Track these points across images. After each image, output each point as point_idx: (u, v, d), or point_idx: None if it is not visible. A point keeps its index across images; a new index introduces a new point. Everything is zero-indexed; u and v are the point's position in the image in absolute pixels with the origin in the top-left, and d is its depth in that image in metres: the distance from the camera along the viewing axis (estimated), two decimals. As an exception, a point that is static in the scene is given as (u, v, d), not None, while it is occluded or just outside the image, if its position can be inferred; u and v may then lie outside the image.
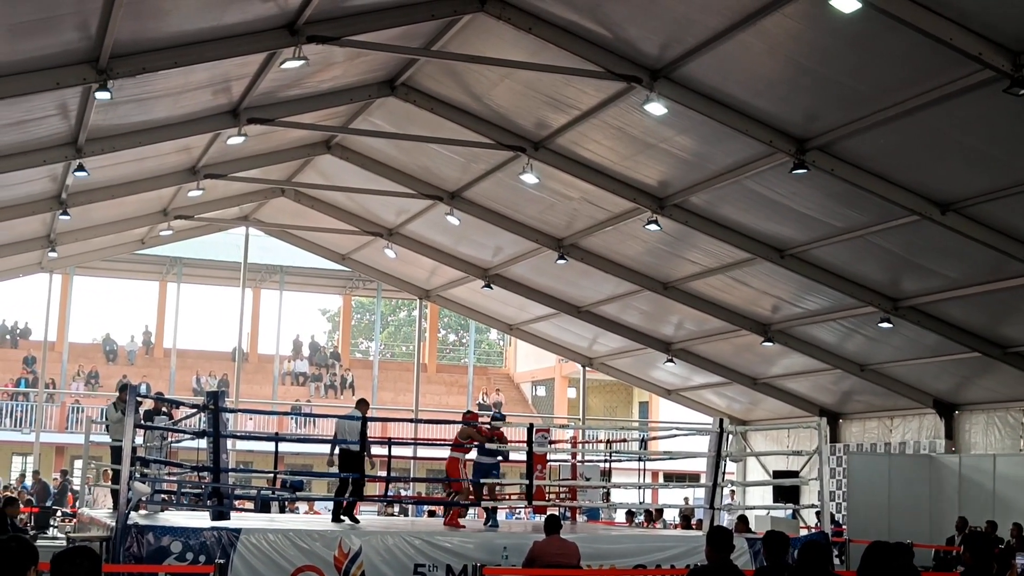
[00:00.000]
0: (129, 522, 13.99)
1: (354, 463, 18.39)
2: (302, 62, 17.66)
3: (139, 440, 18.20)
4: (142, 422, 17.72)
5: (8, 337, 49.96)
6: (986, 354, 24.57)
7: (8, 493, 25.94)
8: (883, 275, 23.37)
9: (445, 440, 20.16)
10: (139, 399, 15.81)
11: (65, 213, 25.34)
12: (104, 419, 20.92)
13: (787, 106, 18.19)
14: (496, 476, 19.52)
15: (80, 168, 21.32)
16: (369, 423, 18.67)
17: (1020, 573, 10.31)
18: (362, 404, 19.08)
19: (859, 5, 13.96)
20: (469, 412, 20.39)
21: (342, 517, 18.32)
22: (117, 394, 21.73)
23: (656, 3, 16.50)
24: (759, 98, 18.09)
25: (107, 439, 20.33)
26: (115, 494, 16.40)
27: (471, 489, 19.08)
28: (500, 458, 19.67)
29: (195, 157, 24.92)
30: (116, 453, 18.04)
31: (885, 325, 24.47)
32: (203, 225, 33.69)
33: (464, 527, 18.48)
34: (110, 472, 21.03)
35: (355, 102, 22.74)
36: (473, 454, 19.39)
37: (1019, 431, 27.27)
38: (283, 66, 18.40)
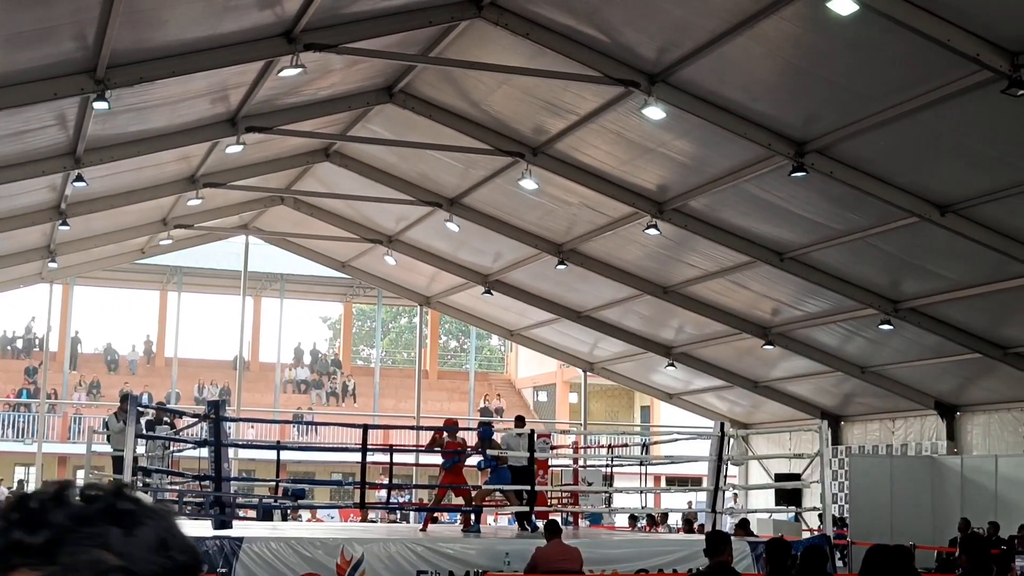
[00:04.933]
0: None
1: (524, 476, 18.76)
2: (300, 70, 17.67)
3: (141, 450, 18.19)
4: (143, 432, 17.73)
5: (9, 348, 49.93)
6: (987, 355, 24.57)
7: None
8: (883, 277, 23.37)
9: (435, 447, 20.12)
10: (140, 409, 15.81)
11: (65, 223, 25.33)
12: (105, 429, 20.91)
13: (785, 109, 18.19)
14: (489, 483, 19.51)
15: (79, 178, 21.32)
16: (370, 431, 18.67)
17: (1020, 575, 10.31)
18: (519, 420, 19.63)
19: (856, 7, 13.95)
20: (448, 420, 20.51)
21: (526, 525, 18.77)
22: (118, 404, 21.73)
23: (653, 7, 16.50)
24: (757, 101, 18.09)
25: (109, 449, 20.33)
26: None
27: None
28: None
29: (194, 166, 24.93)
30: (118, 463, 18.03)
31: (886, 327, 24.46)
32: (203, 234, 33.69)
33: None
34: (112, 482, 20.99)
35: (353, 109, 22.75)
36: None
37: (1021, 432, 27.24)
38: (281, 74, 18.39)
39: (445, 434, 19.49)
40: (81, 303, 47.98)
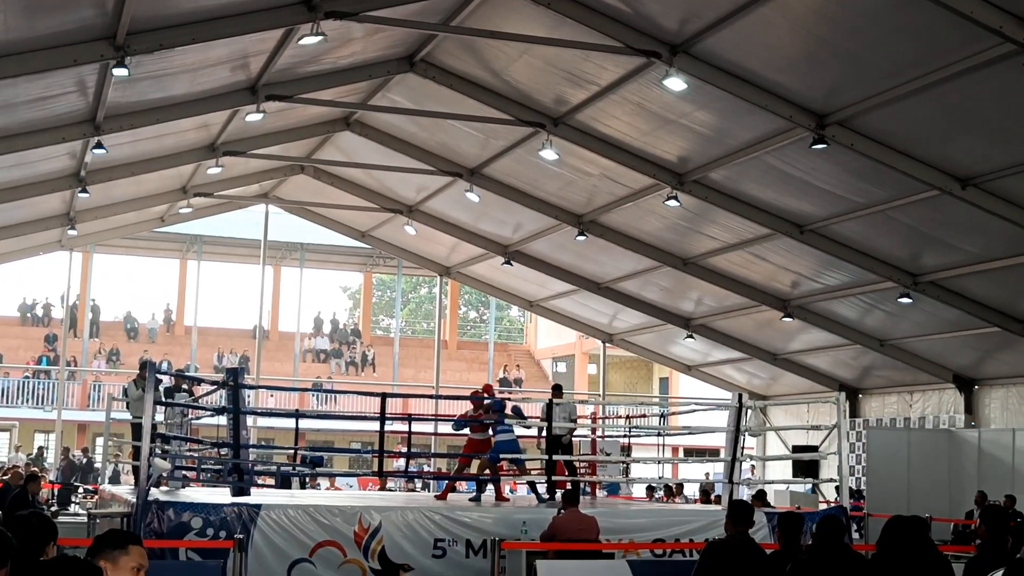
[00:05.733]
0: (149, 498, 14.06)
1: (561, 446, 19.05)
2: (320, 38, 17.62)
3: (160, 417, 18.28)
4: (162, 399, 17.81)
5: (30, 315, 50.17)
6: (1006, 329, 24.50)
7: (33, 469, 26.12)
8: (903, 250, 23.30)
9: (465, 417, 20.16)
10: (159, 376, 15.88)
11: (84, 191, 25.39)
12: (125, 396, 21.01)
13: (807, 81, 18.10)
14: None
15: (99, 145, 21.35)
16: (389, 400, 18.69)
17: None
18: (557, 390, 19.95)
19: (879, -22, 13.87)
20: (476, 391, 20.58)
21: (543, 495, 18.96)
22: (138, 371, 21.82)
23: (674, -23, 16.43)
24: (779, 73, 18.00)
25: (128, 416, 20.43)
26: (136, 471, 16.49)
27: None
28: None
29: (214, 134, 24.96)
30: (137, 430, 18.13)
31: (905, 300, 24.40)
32: (223, 203, 33.75)
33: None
34: (131, 449, 21.15)
35: (374, 78, 22.71)
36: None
37: (1039, 406, 27.24)
38: (301, 42, 18.35)
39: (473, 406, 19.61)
40: (101, 271, 48.15)
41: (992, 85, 16.26)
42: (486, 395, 20.05)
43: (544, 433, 19.01)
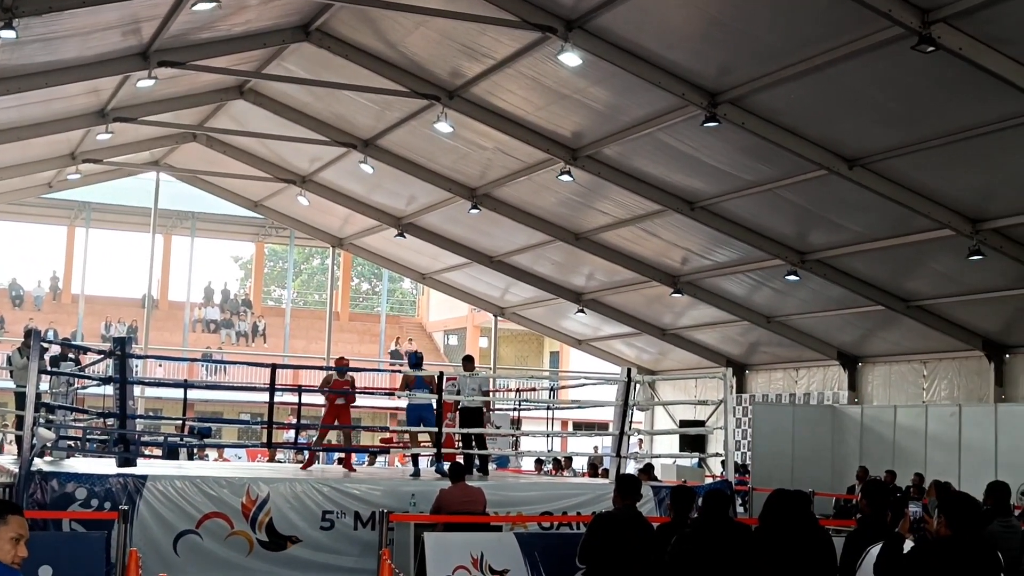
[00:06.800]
0: (33, 468, 13.85)
1: (475, 419, 18.83)
2: (213, 4, 17.43)
3: (44, 386, 17.97)
4: (47, 368, 17.51)
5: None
6: (889, 307, 25.05)
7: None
8: (791, 228, 23.66)
9: (357, 389, 20.07)
10: (44, 344, 15.61)
11: (-31, 155, 24.87)
12: (9, 365, 20.62)
13: (700, 59, 18.27)
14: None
15: (-16, 109, 20.92)
16: (279, 371, 18.56)
17: (913, 521, 10.62)
18: (468, 362, 19.71)
19: (771, -40, 14.03)
20: (341, 358, 20.44)
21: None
22: (23, 339, 21.43)
23: (571, -47, 16.46)
24: (672, 50, 18.15)
25: (12, 385, 20.06)
26: (20, 440, 16.22)
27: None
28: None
29: (104, 100, 24.52)
30: (21, 399, 17.81)
31: (792, 278, 24.81)
32: (112, 169, 33.19)
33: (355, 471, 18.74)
34: (15, 418, 20.76)
35: (268, 47, 22.46)
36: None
37: (919, 383, 27.85)
38: (194, 8, 18.10)
39: (335, 374, 19.44)
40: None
41: (881, 68, 16.54)
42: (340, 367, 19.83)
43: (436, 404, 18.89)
